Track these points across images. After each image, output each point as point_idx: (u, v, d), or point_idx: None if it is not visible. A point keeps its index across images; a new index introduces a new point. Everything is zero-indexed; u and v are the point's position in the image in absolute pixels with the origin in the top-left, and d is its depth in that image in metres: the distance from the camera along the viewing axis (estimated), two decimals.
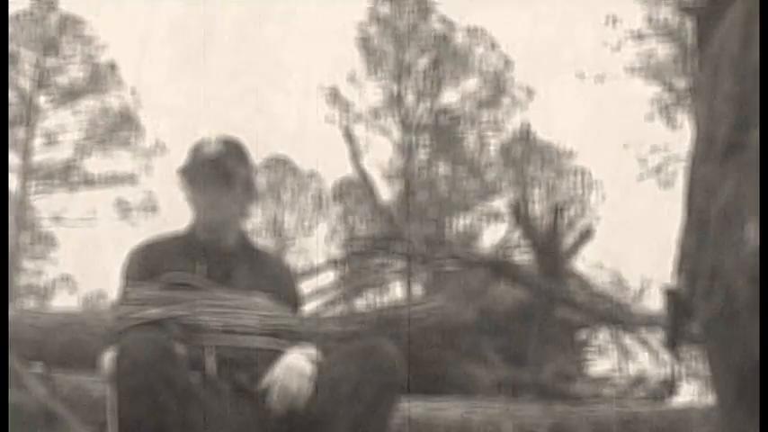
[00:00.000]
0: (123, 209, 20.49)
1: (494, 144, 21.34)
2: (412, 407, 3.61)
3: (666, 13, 18.65)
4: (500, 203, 19.83)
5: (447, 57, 20.80)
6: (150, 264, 2.51)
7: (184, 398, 2.21)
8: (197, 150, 2.58)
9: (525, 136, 21.16)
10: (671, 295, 1.82)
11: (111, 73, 20.52)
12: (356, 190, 19.49)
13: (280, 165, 22.20)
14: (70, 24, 20.45)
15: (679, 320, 1.82)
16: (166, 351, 2.19)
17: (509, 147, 21.19)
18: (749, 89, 1.60)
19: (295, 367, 2.36)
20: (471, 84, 21.15)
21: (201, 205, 2.56)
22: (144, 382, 2.13)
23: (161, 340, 2.22)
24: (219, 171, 2.54)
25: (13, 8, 18.74)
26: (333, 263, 5.93)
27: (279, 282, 2.61)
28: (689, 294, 1.74)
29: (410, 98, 21.11)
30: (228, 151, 2.57)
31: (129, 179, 20.52)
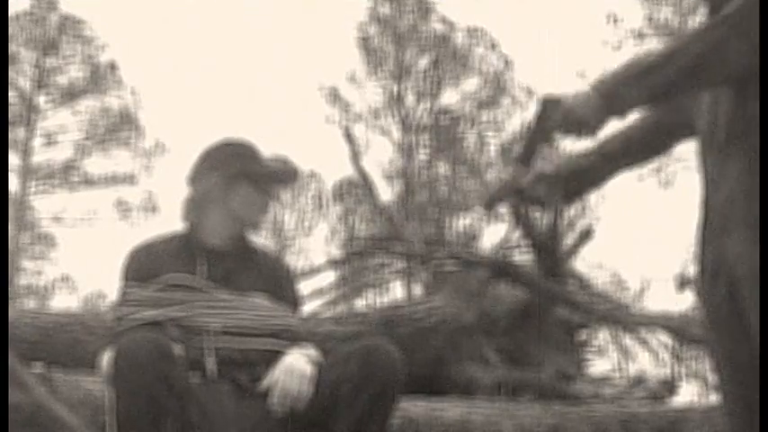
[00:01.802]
0: (123, 209, 20.48)
1: (494, 144, 21.33)
2: (412, 407, 3.61)
3: (667, 13, 18.63)
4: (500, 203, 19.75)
5: (447, 57, 20.77)
6: (149, 264, 2.51)
7: (183, 398, 2.21)
8: (253, 153, 2.60)
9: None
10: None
11: (112, 73, 20.51)
12: (356, 190, 19.47)
13: None
14: (70, 24, 20.43)
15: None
16: (164, 351, 2.19)
17: (509, 147, 21.17)
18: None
19: (295, 368, 2.36)
20: (471, 84, 21.13)
21: (258, 206, 2.59)
22: (142, 382, 2.12)
23: (159, 340, 2.21)
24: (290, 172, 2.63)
25: (13, 8, 18.74)
26: (333, 263, 5.93)
27: (278, 282, 2.60)
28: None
29: (410, 98, 21.10)
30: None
31: (129, 179, 20.51)
